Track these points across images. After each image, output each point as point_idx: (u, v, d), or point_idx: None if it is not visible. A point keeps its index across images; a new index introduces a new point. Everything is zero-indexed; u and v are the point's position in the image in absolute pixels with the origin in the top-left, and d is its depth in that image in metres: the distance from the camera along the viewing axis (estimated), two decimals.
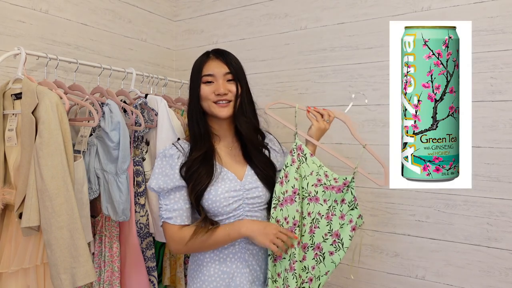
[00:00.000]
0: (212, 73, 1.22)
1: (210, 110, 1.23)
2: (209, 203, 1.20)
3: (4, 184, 1.35)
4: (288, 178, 1.22)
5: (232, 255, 1.21)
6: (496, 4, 1.47)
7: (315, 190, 1.26)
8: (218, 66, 1.23)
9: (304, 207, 1.25)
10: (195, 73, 1.25)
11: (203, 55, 1.28)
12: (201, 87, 1.23)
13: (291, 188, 1.22)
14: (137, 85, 1.83)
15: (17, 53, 1.38)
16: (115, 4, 1.96)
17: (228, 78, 1.23)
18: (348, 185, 1.25)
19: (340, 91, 1.78)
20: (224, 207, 1.19)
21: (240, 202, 1.21)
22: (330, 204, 1.26)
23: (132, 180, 1.51)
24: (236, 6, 2.08)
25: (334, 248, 1.25)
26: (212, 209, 1.20)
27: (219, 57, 1.24)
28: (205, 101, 1.23)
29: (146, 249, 1.58)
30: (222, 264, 1.21)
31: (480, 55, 1.50)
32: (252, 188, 1.24)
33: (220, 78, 1.22)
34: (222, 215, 1.21)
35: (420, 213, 1.62)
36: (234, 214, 1.21)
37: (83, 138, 1.50)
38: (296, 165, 1.24)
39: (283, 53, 1.94)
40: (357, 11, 1.74)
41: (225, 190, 1.20)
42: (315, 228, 1.25)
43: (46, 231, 1.22)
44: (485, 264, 1.51)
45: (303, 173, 1.25)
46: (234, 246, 1.21)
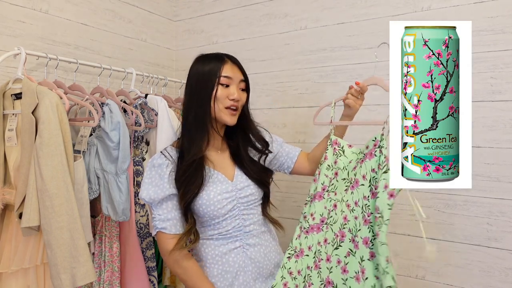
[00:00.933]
0: (231, 76, 1.19)
1: (219, 115, 1.20)
2: (203, 208, 1.18)
3: (4, 184, 1.35)
4: (319, 176, 1.23)
5: (235, 254, 1.21)
6: (496, 4, 1.47)
7: (354, 173, 1.17)
8: (236, 71, 1.21)
9: (349, 198, 1.15)
10: (209, 72, 1.19)
11: (214, 56, 1.23)
12: (218, 88, 1.19)
13: (320, 185, 1.22)
14: (137, 85, 1.83)
15: (17, 53, 1.38)
16: (115, 4, 1.96)
17: (242, 87, 1.23)
18: (379, 145, 1.12)
19: (340, 91, 1.78)
20: (219, 209, 1.19)
21: (234, 202, 1.22)
22: (370, 177, 1.12)
23: (132, 180, 1.51)
24: (236, 6, 2.08)
25: (378, 227, 1.06)
26: (207, 213, 1.19)
27: (236, 63, 1.23)
28: (218, 104, 1.19)
29: (146, 249, 1.58)
30: (225, 264, 1.20)
31: (480, 55, 1.50)
32: (244, 187, 1.24)
33: (235, 84, 1.21)
34: (218, 218, 1.20)
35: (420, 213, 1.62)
36: (230, 214, 1.21)
37: (83, 138, 1.50)
38: (328, 162, 1.23)
39: (283, 53, 1.94)
40: (357, 11, 1.74)
41: (217, 193, 1.19)
42: (368, 217, 1.10)
43: (46, 231, 1.22)
44: (485, 264, 1.51)
45: (341, 165, 1.23)
46: (235, 243, 1.21)
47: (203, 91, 1.19)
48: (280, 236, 1.40)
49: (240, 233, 1.22)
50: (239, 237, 1.22)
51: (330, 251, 1.16)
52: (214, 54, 1.24)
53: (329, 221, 1.19)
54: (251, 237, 1.23)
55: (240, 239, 1.22)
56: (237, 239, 1.22)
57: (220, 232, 1.21)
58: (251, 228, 1.24)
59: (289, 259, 1.20)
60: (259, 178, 1.27)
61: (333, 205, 1.20)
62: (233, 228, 1.21)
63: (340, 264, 1.13)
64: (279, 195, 1.87)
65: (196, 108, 1.20)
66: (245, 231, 1.23)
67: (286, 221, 1.74)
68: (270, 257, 1.26)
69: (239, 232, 1.22)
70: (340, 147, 1.25)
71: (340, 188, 1.20)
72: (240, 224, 1.22)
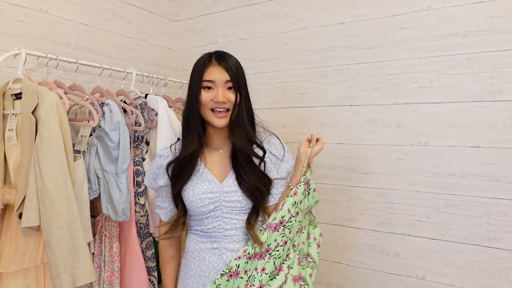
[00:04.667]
0: (212, 80, 1.19)
1: (207, 118, 1.22)
2: (188, 202, 1.24)
3: (4, 184, 1.35)
4: (282, 207, 1.20)
5: (211, 254, 1.23)
6: (496, 4, 1.47)
7: (305, 218, 1.30)
8: (219, 73, 1.19)
9: (296, 239, 1.26)
10: (195, 76, 1.22)
11: (205, 58, 1.23)
12: (201, 93, 1.20)
13: (280, 217, 1.20)
14: (137, 85, 1.83)
15: (17, 53, 1.38)
16: (115, 4, 1.96)
17: (228, 86, 1.20)
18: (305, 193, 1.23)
19: (340, 91, 1.78)
20: (201, 207, 1.22)
21: (217, 204, 1.22)
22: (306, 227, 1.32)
23: (132, 180, 1.51)
24: (236, 6, 2.08)
25: (311, 270, 1.28)
26: (191, 208, 1.25)
27: (221, 63, 1.20)
28: (203, 107, 1.21)
29: (146, 249, 1.59)
30: (201, 262, 1.24)
31: (480, 55, 1.50)
32: (231, 192, 1.22)
33: (220, 86, 1.19)
34: (200, 215, 1.24)
35: (420, 213, 1.62)
36: (211, 214, 1.23)
37: (83, 138, 1.50)
38: (295, 199, 1.21)
39: (283, 53, 1.94)
40: (357, 11, 1.74)
41: (201, 191, 1.22)
42: (302, 258, 1.29)
43: (46, 231, 1.22)
44: (485, 264, 1.51)
45: (303, 207, 1.23)
46: (213, 244, 1.23)
47: (191, 94, 1.24)
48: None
49: (220, 235, 1.23)
50: (218, 239, 1.23)
51: (265, 280, 1.19)
52: (205, 55, 1.25)
53: (274, 254, 1.20)
54: (231, 242, 1.22)
55: (219, 241, 1.23)
56: (215, 240, 1.23)
57: (202, 229, 1.25)
58: (232, 233, 1.23)
59: (222, 276, 1.18)
60: (251, 188, 1.21)
61: (283, 241, 1.21)
62: (213, 228, 1.23)
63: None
64: None
65: (188, 108, 1.26)
66: (225, 234, 1.23)
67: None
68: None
69: (218, 233, 1.23)
70: (309, 188, 1.23)
71: (294, 229, 1.24)
72: (221, 227, 1.23)
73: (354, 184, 1.76)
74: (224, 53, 1.24)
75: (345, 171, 1.78)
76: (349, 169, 1.77)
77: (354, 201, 1.76)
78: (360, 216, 1.75)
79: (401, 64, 1.64)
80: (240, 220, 1.24)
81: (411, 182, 1.64)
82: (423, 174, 1.61)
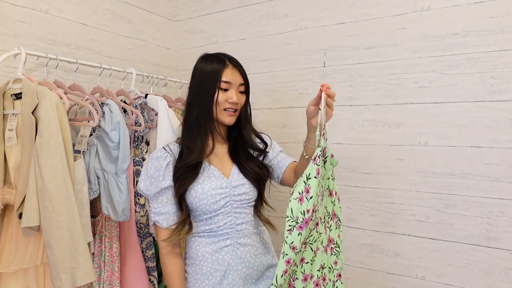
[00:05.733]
0: (230, 81, 1.25)
1: (219, 116, 1.27)
2: (196, 201, 1.22)
3: (4, 184, 1.35)
4: (310, 194, 1.00)
5: (225, 252, 1.23)
6: (496, 4, 1.47)
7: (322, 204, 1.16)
8: (236, 76, 1.26)
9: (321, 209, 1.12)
10: (210, 78, 1.24)
11: (217, 60, 1.26)
12: (219, 93, 1.24)
13: (311, 207, 1.00)
14: (137, 85, 1.83)
15: (17, 53, 1.38)
16: (115, 4, 1.96)
17: (241, 90, 1.28)
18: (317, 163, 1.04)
19: (340, 91, 1.78)
20: (212, 204, 1.22)
21: (227, 199, 1.24)
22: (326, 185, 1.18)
23: (132, 180, 1.51)
24: (236, 6, 2.08)
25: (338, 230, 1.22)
26: (200, 207, 1.22)
27: (237, 67, 1.27)
28: (217, 107, 1.25)
29: (146, 249, 1.59)
30: (214, 262, 1.23)
31: (480, 55, 1.50)
32: (239, 185, 1.26)
33: (235, 88, 1.26)
34: (210, 213, 1.23)
35: (420, 213, 1.62)
36: (222, 211, 1.24)
37: (83, 138, 1.50)
38: (320, 177, 1.03)
39: (283, 53, 1.94)
40: (357, 11, 1.74)
41: (211, 188, 1.23)
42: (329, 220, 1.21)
43: (46, 231, 1.22)
44: (485, 264, 1.51)
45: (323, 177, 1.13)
46: (226, 241, 1.23)
47: (205, 94, 1.25)
48: (275, 236, 1.41)
49: (232, 231, 1.24)
50: (230, 235, 1.24)
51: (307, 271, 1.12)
52: (218, 57, 1.28)
53: (308, 240, 1.11)
54: (243, 237, 1.25)
55: (231, 237, 1.24)
56: (228, 237, 1.24)
57: (212, 228, 1.24)
58: (243, 228, 1.26)
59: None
60: (255, 176, 1.29)
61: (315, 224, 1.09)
62: (225, 224, 1.24)
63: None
64: (278, 195, 1.87)
65: (199, 109, 1.26)
66: (237, 229, 1.25)
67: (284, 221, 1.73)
68: (260, 259, 1.27)
69: (230, 229, 1.24)
70: (325, 157, 1.09)
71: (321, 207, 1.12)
72: (232, 222, 1.24)
73: (354, 184, 1.76)
74: (235, 58, 1.31)
75: (345, 171, 1.78)
76: (349, 169, 1.77)
77: (354, 201, 1.76)
78: (360, 216, 1.75)
79: (401, 64, 1.64)
80: (249, 213, 1.28)
81: (411, 182, 1.64)
82: (423, 174, 1.61)
